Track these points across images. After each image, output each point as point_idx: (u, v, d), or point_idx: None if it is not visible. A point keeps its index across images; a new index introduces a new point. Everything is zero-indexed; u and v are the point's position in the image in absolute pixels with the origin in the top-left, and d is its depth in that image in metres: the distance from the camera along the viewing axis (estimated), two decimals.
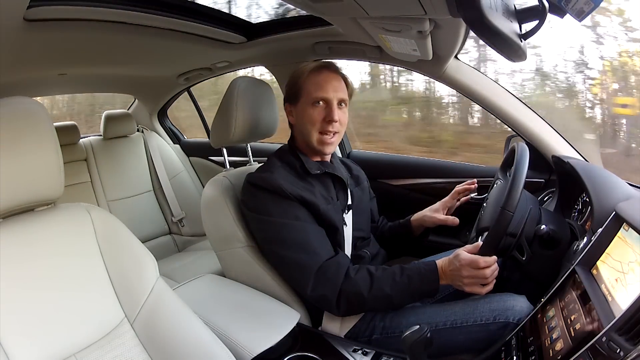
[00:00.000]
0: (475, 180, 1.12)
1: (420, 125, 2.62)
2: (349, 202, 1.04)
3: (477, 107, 1.72)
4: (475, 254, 0.84)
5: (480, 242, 0.86)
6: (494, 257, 0.83)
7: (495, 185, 1.02)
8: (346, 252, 0.98)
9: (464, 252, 0.84)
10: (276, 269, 0.97)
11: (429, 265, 0.87)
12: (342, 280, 0.86)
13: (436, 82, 1.43)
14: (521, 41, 0.71)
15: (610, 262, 0.66)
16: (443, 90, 2.46)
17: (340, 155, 1.65)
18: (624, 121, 1.87)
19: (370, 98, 2.75)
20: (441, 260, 0.87)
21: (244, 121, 1.09)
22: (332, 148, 0.99)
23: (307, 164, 0.97)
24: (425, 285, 0.86)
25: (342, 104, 0.98)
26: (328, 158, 1.04)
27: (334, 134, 0.96)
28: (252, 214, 0.94)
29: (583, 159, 1.14)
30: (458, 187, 1.13)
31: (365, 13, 0.80)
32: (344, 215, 1.01)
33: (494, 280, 0.84)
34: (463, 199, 1.12)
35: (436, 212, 1.11)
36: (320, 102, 0.95)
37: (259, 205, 0.93)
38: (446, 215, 1.10)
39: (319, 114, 0.95)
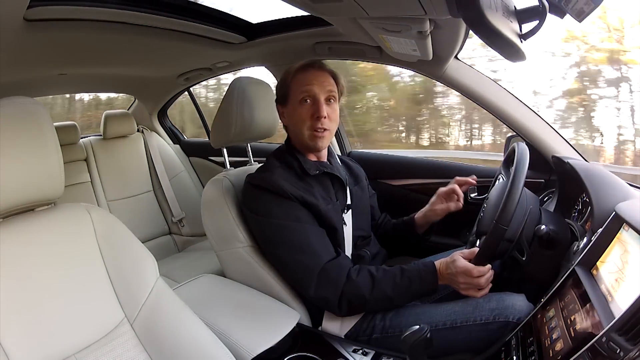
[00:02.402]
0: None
1: None
2: (349, 201, 1.04)
3: None
4: (471, 260, 0.85)
5: (476, 249, 0.87)
6: (488, 267, 0.85)
7: (497, 182, 1.02)
8: (346, 252, 0.98)
9: (460, 259, 0.86)
10: (278, 270, 0.97)
11: (428, 267, 0.89)
12: (343, 282, 0.87)
13: None
14: (521, 41, 0.71)
15: (610, 263, 0.66)
16: None
17: (340, 154, 1.65)
18: None
19: None
20: (439, 262, 0.89)
21: (244, 121, 1.09)
22: (325, 142, 0.97)
23: (305, 165, 0.97)
24: (425, 286, 0.88)
25: (331, 99, 0.96)
26: (324, 156, 1.04)
27: (324, 130, 0.95)
28: (253, 215, 0.94)
29: (583, 159, 1.14)
30: (458, 178, 1.11)
31: (365, 13, 0.80)
32: (344, 215, 1.01)
33: (490, 285, 0.86)
34: (464, 188, 1.10)
35: (436, 205, 1.10)
36: (308, 100, 0.94)
37: (260, 206, 0.93)
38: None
39: (307, 111, 0.94)
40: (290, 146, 1.02)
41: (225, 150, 1.24)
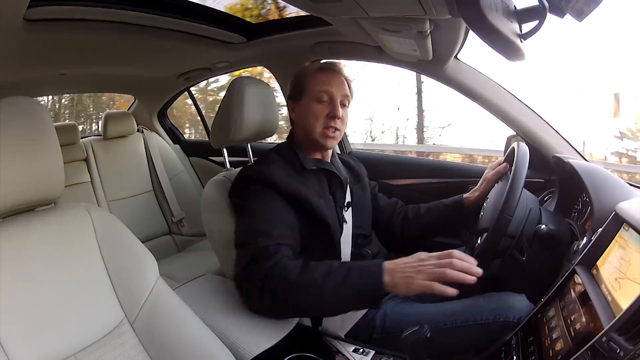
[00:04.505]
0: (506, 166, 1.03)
1: None
2: (348, 199, 1.04)
3: None
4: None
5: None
6: (455, 251, 0.73)
7: (495, 184, 1.03)
8: (346, 250, 0.98)
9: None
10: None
11: (373, 261, 0.81)
12: (272, 263, 0.79)
13: None
14: (521, 41, 0.71)
15: (610, 262, 0.66)
16: None
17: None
18: None
19: None
20: (393, 260, 0.77)
21: (244, 121, 1.09)
22: (334, 142, 0.99)
23: (304, 160, 0.98)
24: (365, 279, 0.74)
25: (345, 103, 0.99)
26: (327, 156, 1.04)
27: (335, 130, 0.97)
28: (239, 201, 0.94)
29: (583, 159, 1.14)
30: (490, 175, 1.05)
31: (365, 13, 0.80)
32: (344, 212, 1.01)
33: (470, 280, 0.70)
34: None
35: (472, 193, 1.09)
36: (325, 99, 0.96)
37: (245, 196, 0.93)
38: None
39: (323, 110, 0.96)
40: (293, 143, 1.02)
41: (225, 150, 1.24)
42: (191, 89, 2.16)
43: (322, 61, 1.01)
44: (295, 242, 0.88)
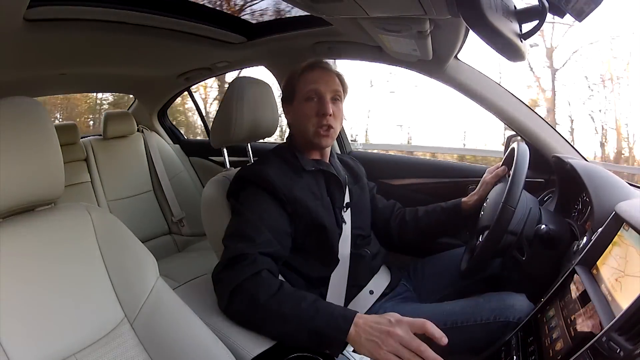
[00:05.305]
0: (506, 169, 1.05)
1: None
2: (347, 199, 1.04)
3: None
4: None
5: None
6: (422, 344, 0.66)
7: (495, 185, 1.03)
8: (345, 251, 0.97)
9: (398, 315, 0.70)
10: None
11: (347, 311, 0.74)
12: (248, 275, 0.77)
13: None
14: (521, 41, 0.71)
15: (610, 262, 0.66)
16: None
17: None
18: None
19: None
20: (366, 315, 0.73)
21: (244, 121, 1.09)
22: (329, 141, 0.98)
23: (302, 161, 0.97)
24: (330, 327, 0.71)
25: (337, 98, 0.97)
26: (326, 156, 1.04)
27: (329, 128, 0.95)
28: (234, 202, 0.93)
29: (583, 159, 1.14)
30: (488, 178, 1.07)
31: (365, 13, 0.80)
32: (343, 213, 1.01)
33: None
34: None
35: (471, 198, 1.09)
36: (314, 97, 0.95)
37: (241, 196, 0.92)
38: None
39: (313, 108, 0.95)
40: (292, 144, 1.02)
41: (225, 150, 1.24)
42: None
43: (312, 59, 0.99)
44: (281, 249, 0.86)
